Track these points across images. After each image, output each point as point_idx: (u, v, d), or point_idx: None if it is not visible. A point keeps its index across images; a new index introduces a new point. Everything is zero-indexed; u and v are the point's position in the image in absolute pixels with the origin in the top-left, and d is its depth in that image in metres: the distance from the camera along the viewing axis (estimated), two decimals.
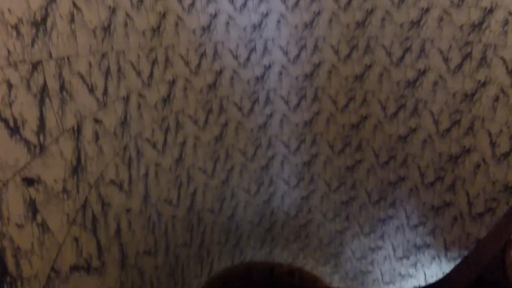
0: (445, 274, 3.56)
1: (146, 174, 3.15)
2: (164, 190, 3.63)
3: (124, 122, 2.62)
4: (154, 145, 3.31)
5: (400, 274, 4.49)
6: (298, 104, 4.69)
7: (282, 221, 5.43)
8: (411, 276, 4.32)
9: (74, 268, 1.64)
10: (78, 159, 1.77)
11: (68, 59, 1.76)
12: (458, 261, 3.73)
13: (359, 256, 5.14)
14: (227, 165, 4.59)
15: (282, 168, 4.99)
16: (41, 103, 1.41)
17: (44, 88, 1.45)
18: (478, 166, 3.57)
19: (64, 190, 1.58)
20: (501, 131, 3.27)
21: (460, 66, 3.51)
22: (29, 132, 1.28)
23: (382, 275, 4.80)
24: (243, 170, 4.78)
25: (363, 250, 5.06)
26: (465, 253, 3.66)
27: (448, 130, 3.81)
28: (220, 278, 4.51)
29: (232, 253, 5.25)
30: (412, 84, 4.06)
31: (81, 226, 1.76)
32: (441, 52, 3.64)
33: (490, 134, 3.38)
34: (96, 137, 2.07)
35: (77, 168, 1.74)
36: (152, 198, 3.39)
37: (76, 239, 1.71)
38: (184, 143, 3.89)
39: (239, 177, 4.77)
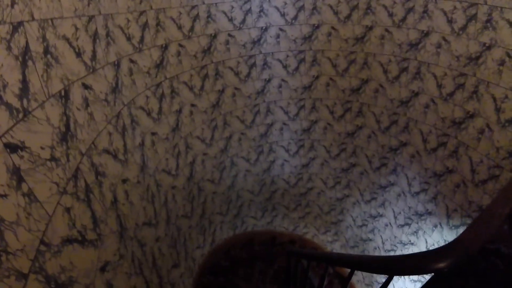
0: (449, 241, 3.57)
1: (142, 143, 3.05)
2: (162, 159, 3.55)
3: (115, 88, 2.51)
4: (149, 113, 3.19)
5: (401, 242, 4.53)
6: (296, 68, 4.52)
7: (283, 189, 5.42)
8: (412, 243, 4.36)
9: (67, 240, 1.58)
10: (67, 126, 1.70)
11: (52, 21, 1.64)
12: (460, 229, 3.74)
13: (359, 224, 5.18)
14: (225, 133, 4.49)
15: (281, 135, 4.90)
16: (24, 66, 1.33)
17: (26, 51, 1.37)
18: (482, 132, 3.47)
19: (52, 157, 1.50)
20: (506, 96, 3.14)
21: (464, 28, 3.33)
22: (11, 96, 1.22)
23: (383, 242, 4.86)
24: (242, 138, 4.69)
25: (363, 217, 5.09)
26: (468, 221, 3.66)
27: (451, 94, 3.68)
28: (222, 248, 4.56)
29: (233, 223, 5.28)
30: (414, 46, 3.88)
31: (73, 196, 1.68)
32: (444, 13, 3.44)
33: (495, 99, 3.25)
34: (86, 103, 1.99)
35: (66, 135, 1.67)
36: (150, 169, 3.31)
37: (67, 210, 1.62)
38: (180, 111, 3.78)
39: (238, 145, 4.69)
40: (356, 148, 4.80)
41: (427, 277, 4.16)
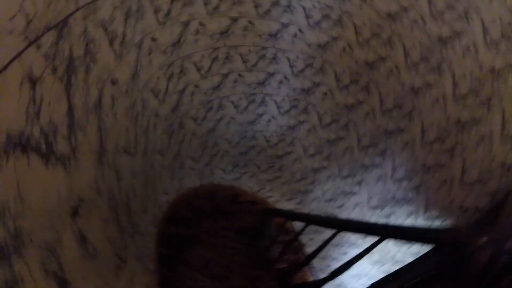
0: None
1: (140, 44, 2.34)
2: (154, 76, 2.83)
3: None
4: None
5: None
6: (318, 22, 3.99)
7: (261, 147, 5.02)
8: None
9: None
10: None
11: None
12: (435, 221, 3.80)
13: (328, 198, 5.09)
14: (223, 69, 3.83)
15: (278, 89, 4.41)
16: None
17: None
18: (483, 138, 3.47)
19: None
20: None
21: None
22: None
23: None
24: (238, 80, 4.08)
25: (335, 192, 4.99)
26: (445, 215, 3.72)
27: (464, 96, 3.59)
28: (186, 197, 4.07)
29: (202, 172, 4.74)
30: (443, 42, 3.64)
31: (48, 60, 1.14)
32: None
33: (503, 111, 3.17)
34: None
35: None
36: (140, 81, 2.60)
37: (33, 82, 1.05)
38: (187, 25, 3.03)
39: (232, 87, 4.08)
40: (349, 123, 4.57)
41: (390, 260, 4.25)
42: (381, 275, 2.76)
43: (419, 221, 3.95)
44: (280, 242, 4.66)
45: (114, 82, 2.05)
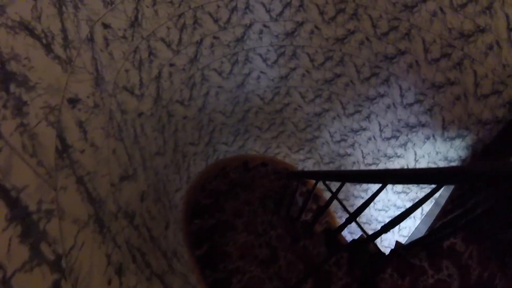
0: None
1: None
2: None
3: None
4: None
5: (385, 155, 4.40)
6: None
7: (257, 108, 4.63)
8: (399, 156, 4.26)
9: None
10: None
11: None
12: (455, 141, 3.67)
13: (338, 139, 4.89)
14: (195, 35, 3.30)
15: (260, 41, 3.91)
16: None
17: None
18: (491, 47, 3.19)
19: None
20: None
21: None
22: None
23: (363, 156, 4.70)
24: (215, 44, 3.57)
25: (343, 132, 4.78)
26: (465, 133, 3.58)
27: (463, 5, 3.22)
28: (198, 183, 3.80)
29: (205, 153, 4.41)
30: None
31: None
32: None
33: (508, 17, 2.96)
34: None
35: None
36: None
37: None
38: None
39: (210, 54, 3.57)
40: (345, 56, 4.17)
41: (413, 187, 4.22)
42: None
43: (438, 144, 3.81)
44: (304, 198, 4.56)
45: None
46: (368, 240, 2.10)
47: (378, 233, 1.96)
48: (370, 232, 5.14)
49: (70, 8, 1.38)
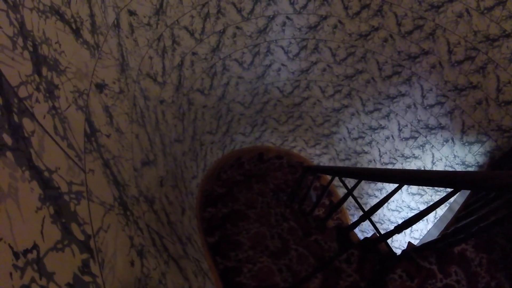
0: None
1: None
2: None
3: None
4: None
5: (403, 155, 4.33)
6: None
7: (276, 100, 4.64)
8: (416, 157, 4.19)
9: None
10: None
11: None
12: (474, 146, 3.59)
13: (355, 136, 4.85)
14: (218, 25, 3.31)
15: (283, 33, 3.89)
16: None
17: None
18: None
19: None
20: None
21: None
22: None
23: (380, 155, 4.65)
24: (238, 33, 3.57)
25: (361, 129, 4.73)
26: (484, 138, 3.50)
27: (490, 8, 3.11)
28: (213, 172, 3.85)
29: (222, 143, 4.47)
30: None
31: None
32: None
33: None
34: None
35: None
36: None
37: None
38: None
39: (232, 43, 3.59)
40: (367, 53, 4.10)
41: (428, 190, 4.16)
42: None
43: (456, 148, 3.73)
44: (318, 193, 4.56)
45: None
46: (380, 239, 2.10)
47: (391, 233, 1.97)
48: (381, 232, 5.12)
49: None
